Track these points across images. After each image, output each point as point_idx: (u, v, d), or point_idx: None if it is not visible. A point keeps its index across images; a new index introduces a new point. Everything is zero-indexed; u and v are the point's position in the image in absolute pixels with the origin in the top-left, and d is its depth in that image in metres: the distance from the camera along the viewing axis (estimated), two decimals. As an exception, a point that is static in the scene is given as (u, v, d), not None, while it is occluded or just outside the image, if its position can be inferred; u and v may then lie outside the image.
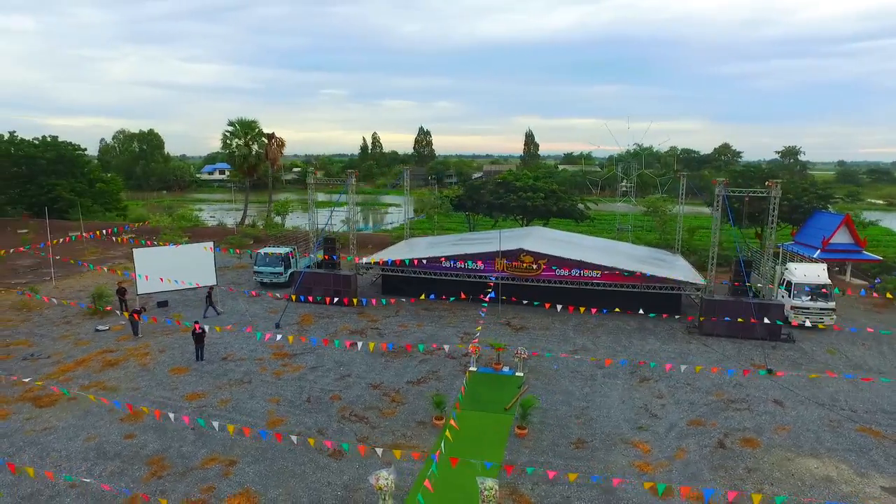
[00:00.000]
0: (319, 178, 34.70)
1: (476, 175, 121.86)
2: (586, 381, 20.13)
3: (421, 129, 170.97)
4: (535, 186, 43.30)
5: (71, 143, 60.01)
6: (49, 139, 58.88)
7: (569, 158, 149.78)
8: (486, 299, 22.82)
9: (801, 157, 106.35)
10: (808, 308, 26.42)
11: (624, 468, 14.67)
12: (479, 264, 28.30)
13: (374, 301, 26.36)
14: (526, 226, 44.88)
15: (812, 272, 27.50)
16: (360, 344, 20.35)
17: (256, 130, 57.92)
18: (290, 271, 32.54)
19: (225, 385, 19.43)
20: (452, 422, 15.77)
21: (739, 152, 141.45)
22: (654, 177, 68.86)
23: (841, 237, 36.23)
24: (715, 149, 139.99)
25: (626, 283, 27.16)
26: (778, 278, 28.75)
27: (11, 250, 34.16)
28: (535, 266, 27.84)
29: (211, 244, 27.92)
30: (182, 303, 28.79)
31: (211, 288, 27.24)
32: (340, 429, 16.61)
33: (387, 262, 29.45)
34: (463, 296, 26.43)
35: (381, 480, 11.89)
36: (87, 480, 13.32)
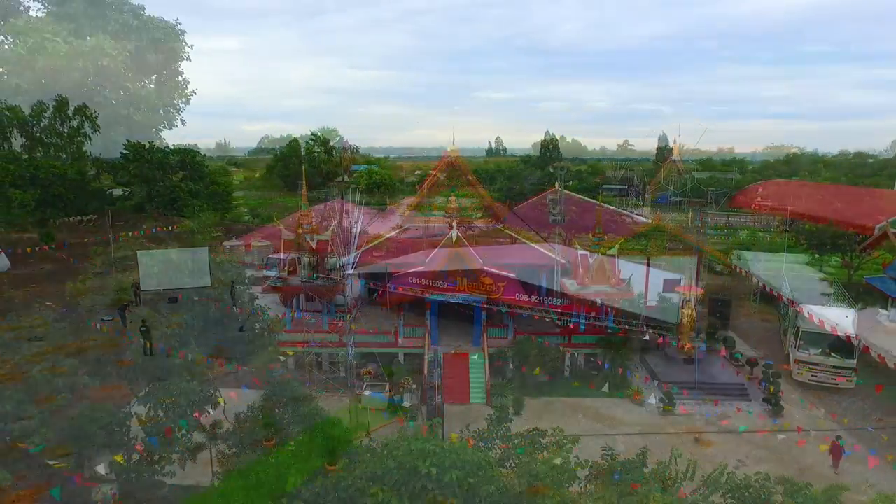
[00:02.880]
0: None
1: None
2: (470, 421, 18.59)
3: (547, 132, 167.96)
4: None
5: (191, 148, 69.96)
6: (175, 146, 69.36)
7: (706, 163, 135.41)
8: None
9: None
10: (816, 364, 21.32)
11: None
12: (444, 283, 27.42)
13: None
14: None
15: (831, 318, 22.02)
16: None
17: (337, 139, 62.11)
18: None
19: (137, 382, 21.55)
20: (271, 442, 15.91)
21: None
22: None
23: (942, 274, 28.24)
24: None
25: (589, 315, 24.30)
26: (791, 322, 23.56)
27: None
28: (494, 288, 26.19)
29: (205, 249, 30.85)
30: (190, 299, 32.16)
31: (232, 282, 30.60)
32: (186, 434, 17.53)
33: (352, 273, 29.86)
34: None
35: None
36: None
